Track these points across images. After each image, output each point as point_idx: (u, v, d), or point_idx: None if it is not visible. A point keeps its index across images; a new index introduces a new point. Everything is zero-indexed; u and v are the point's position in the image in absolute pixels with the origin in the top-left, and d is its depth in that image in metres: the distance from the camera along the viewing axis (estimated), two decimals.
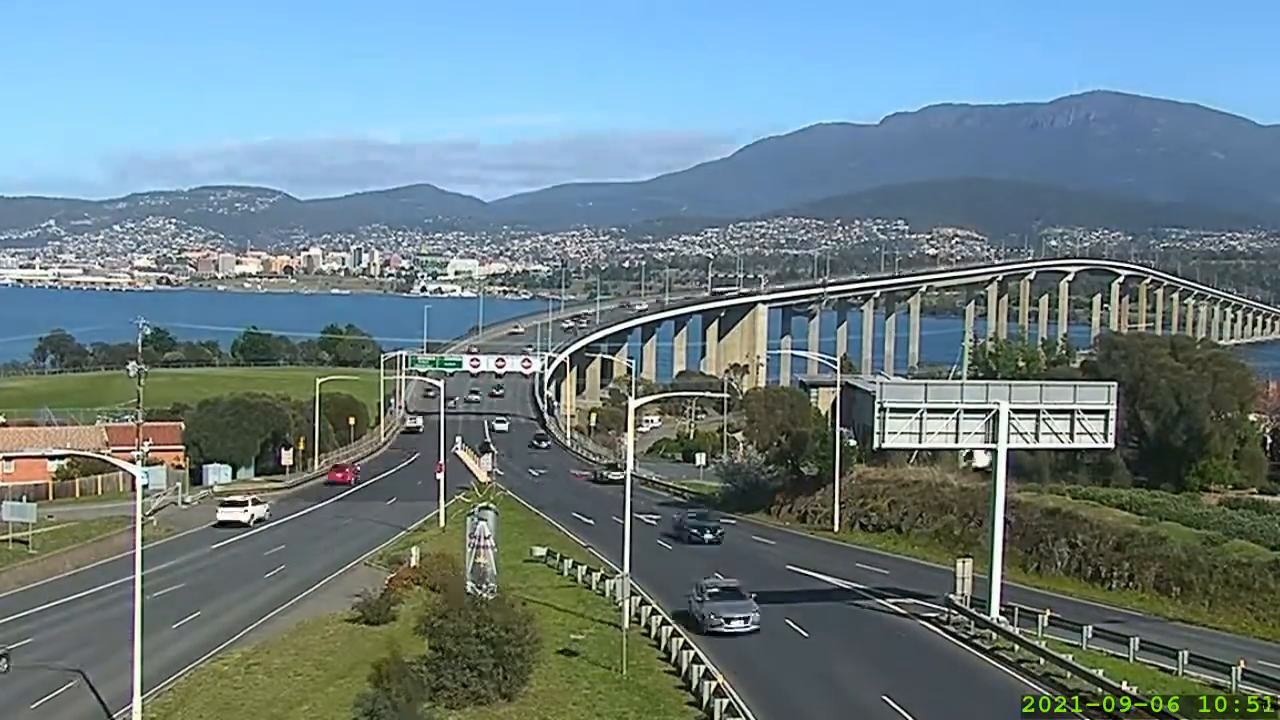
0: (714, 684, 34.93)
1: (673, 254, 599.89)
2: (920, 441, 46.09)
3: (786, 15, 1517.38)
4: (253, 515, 77.47)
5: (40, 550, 63.66)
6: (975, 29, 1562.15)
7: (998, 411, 44.43)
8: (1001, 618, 44.12)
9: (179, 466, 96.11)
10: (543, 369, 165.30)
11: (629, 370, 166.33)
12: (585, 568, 57.03)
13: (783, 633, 45.24)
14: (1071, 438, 45.99)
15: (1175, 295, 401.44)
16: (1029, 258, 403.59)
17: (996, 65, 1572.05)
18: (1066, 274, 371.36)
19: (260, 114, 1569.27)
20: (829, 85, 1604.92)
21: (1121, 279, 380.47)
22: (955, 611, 46.39)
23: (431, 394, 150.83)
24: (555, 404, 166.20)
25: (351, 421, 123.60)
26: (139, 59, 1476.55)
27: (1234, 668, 35.93)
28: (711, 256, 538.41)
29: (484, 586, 47.33)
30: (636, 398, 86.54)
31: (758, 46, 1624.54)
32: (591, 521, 77.59)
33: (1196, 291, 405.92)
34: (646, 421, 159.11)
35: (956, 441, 46.90)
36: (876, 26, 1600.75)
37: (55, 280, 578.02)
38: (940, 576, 51.00)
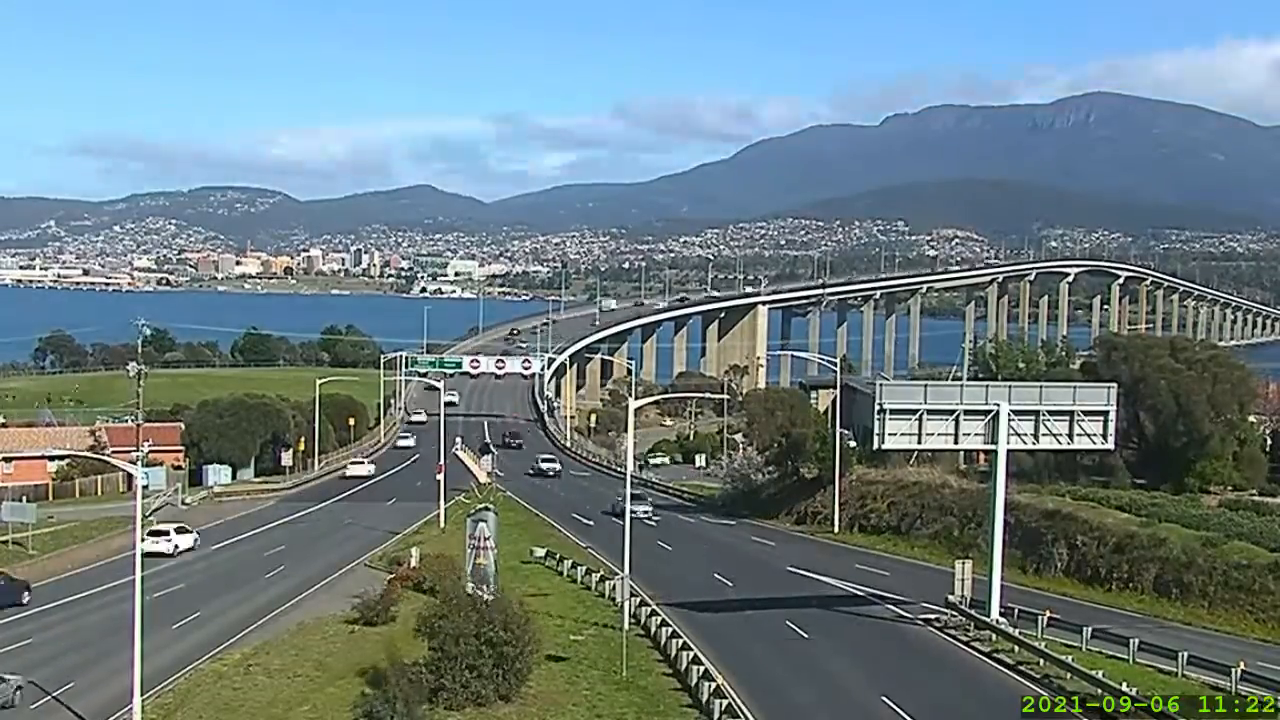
0: (713, 685, 34.95)
1: (673, 255, 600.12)
2: (920, 443, 45.98)
3: (786, 16, 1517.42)
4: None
5: (40, 551, 63.66)
6: (975, 30, 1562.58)
7: (997, 413, 44.43)
8: (1001, 619, 44.13)
9: (178, 467, 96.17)
10: (542, 369, 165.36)
11: (629, 371, 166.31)
12: (584, 569, 57.06)
13: (783, 634, 45.25)
14: (1071, 439, 45.92)
15: (1175, 297, 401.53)
16: (1029, 259, 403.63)
17: (996, 66, 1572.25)
18: (1066, 275, 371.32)
19: (260, 114, 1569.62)
20: (829, 86, 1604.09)
21: (1121, 280, 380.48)
22: (955, 613, 46.39)
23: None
24: (555, 404, 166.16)
25: (351, 422, 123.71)
26: (138, 58, 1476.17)
27: (1233, 669, 35.91)
28: (712, 258, 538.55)
29: (484, 588, 47.34)
30: (636, 399, 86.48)
31: (757, 46, 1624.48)
32: (591, 523, 77.70)
33: (1196, 293, 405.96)
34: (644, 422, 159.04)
35: (956, 443, 46.79)
36: (876, 28, 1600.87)
37: (55, 281, 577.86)
38: (940, 578, 50.98)
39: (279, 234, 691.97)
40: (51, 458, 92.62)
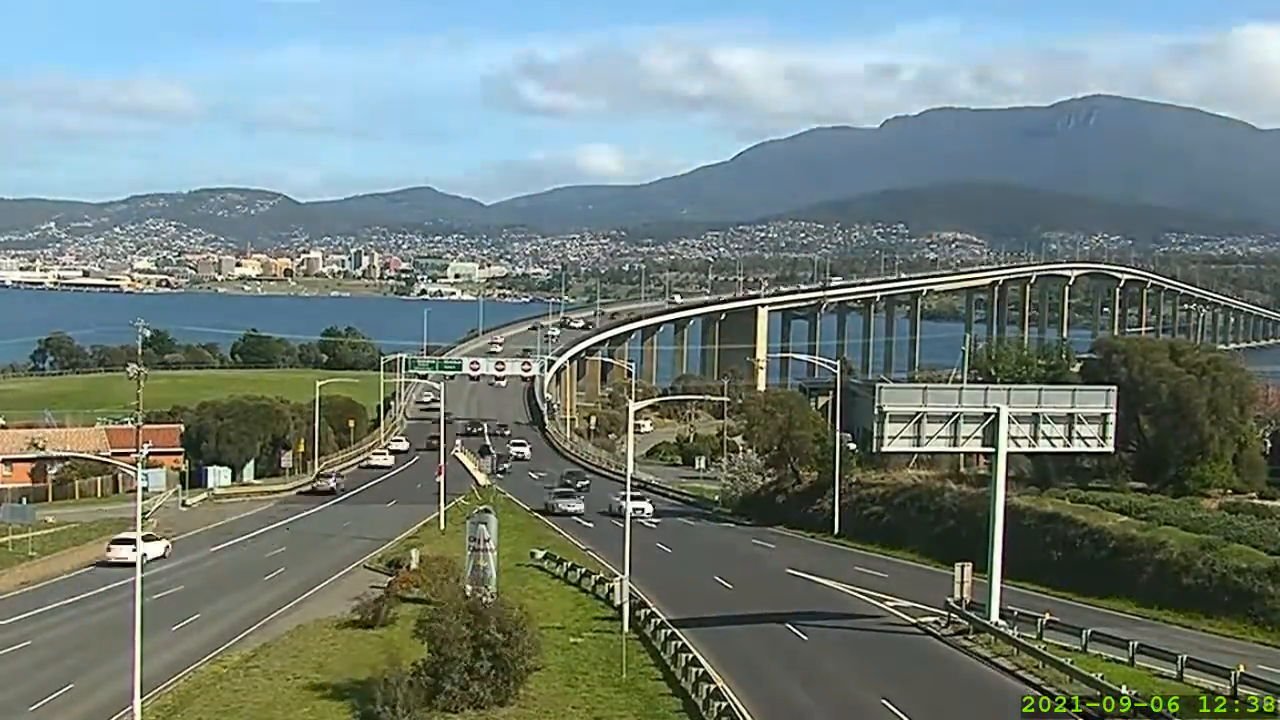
0: (712, 687, 34.95)
1: (673, 257, 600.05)
2: (919, 445, 45.95)
3: (784, 17, 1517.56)
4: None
5: (39, 553, 63.65)
6: (974, 32, 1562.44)
7: (996, 415, 44.44)
8: (1001, 621, 44.13)
9: (177, 469, 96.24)
10: (541, 371, 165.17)
11: (629, 374, 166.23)
12: (584, 570, 57.06)
13: (782, 636, 45.25)
14: (1070, 442, 45.93)
15: (1175, 300, 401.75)
16: (1029, 262, 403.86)
17: (996, 69, 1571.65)
18: (1067, 278, 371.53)
19: (259, 114, 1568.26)
20: (829, 88, 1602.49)
21: (1122, 284, 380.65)
22: (955, 615, 46.39)
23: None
24: (555, 407, 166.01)
25: (351, 424, 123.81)
26: (138, 56, 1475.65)
27: (1233, 672, 35.91)
28: (712, 260, 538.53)
29: (483, 590, 47.33)
30: (636, 401, 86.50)
31: (757, 47, 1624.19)
32: (590, 525, 77.71)
33: (1197, 296, 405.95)
34: (644, 425, 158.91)
35: (955, 445, 46.78)
36: (875, 29, 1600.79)
37: (55, 282, 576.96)
38: (939, 580, 50.98)
39: (279, 236, 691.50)
40: (51, 459, 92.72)
